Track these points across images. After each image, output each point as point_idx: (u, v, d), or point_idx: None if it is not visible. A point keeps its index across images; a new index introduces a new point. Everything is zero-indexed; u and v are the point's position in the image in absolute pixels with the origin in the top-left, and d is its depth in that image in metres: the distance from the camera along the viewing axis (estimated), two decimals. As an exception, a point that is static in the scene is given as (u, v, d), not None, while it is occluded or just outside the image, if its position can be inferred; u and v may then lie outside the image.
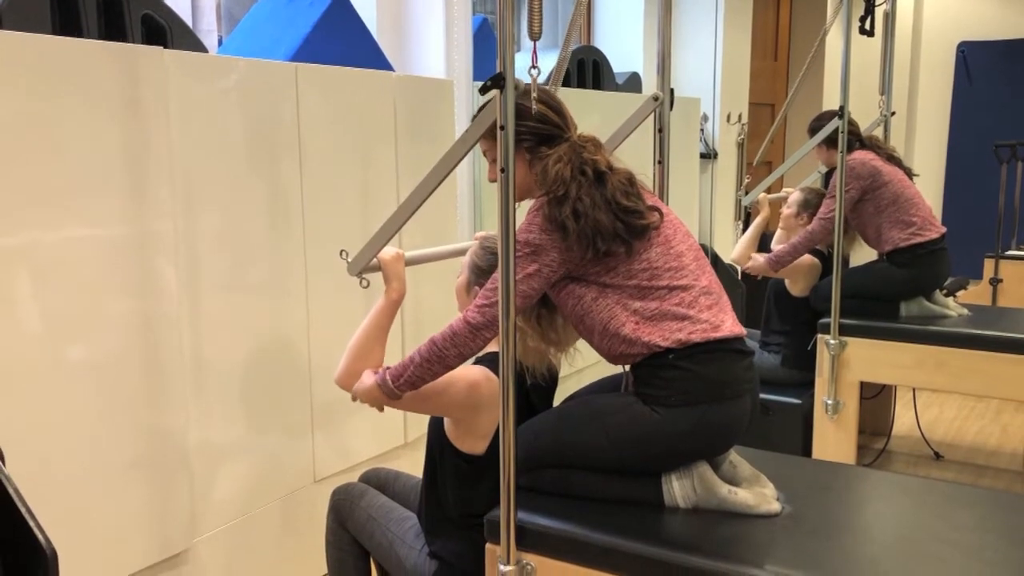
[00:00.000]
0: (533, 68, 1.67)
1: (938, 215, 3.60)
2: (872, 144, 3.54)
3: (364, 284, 1.91)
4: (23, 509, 1.20)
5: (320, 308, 2.69)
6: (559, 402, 1.96)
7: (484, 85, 1.58)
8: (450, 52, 3.23)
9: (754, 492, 1.76)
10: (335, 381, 1.84)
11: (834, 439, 3.43)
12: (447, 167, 1.79)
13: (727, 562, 1.57)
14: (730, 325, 1.77)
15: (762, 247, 3.68)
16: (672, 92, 2.31)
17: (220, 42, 3.16)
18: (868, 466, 3.58)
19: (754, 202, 3.80)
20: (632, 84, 4.68)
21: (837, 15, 3.75)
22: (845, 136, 3.31)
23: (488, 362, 1.87)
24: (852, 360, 3.39)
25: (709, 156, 5.32)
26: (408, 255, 1.93)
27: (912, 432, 4.12)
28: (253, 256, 2.47)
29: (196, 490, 2.34)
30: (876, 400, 4.03)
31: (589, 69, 4.22)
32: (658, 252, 1.75)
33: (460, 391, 1.80)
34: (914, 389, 4.15)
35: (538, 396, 1.99)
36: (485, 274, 1.88)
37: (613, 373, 1.94)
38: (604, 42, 4.97)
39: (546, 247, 1.71)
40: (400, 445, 3.06)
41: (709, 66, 5.27)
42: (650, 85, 4.76)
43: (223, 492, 2.43)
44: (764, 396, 3.37)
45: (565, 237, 1.70)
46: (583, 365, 2.10)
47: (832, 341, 3.38)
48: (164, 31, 2.32)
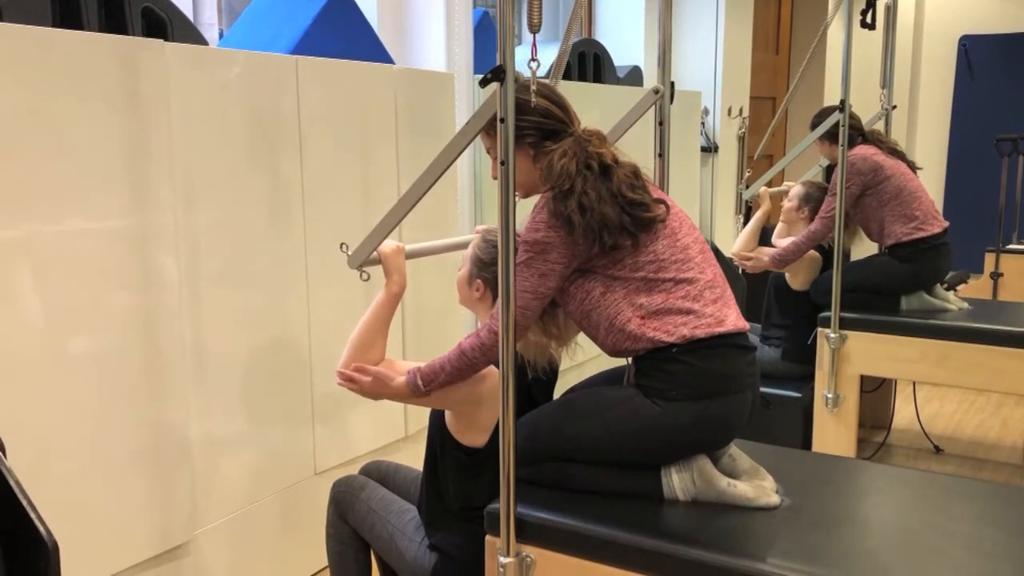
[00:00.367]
0: (533, 61, 1.66)
1: (939, 209, 3.58)
2: (874, 138, 3.53)
3: (365, 277, 1.91)
4: (24, 501, 1.20)
5: (320, 301, 2.69)
6: (559, 395, 1.96)
7: (484, 78, 1.58)
8: (451, 45, 3.23)
9: (753, 485, 1.77)
10: (337, 374, 1.84)
11: (834, 433, 3.44)
12: (447, 160, 1.79)
13: (726, 555, 1.57)
14: (734, 320, 1.77)
15: (763, 241, 3.68)
16: (673, 85, 2.31)
17: (221, 35, 3.16)
18: (868, 459, 3.58)
19: (755, 196, 3.79)
20: (633, 77, 4.68)
21: (838, 8, 3.74)
22: (846, 130, 3.30)
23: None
24: (852, 354, 3.39)
25: (710, 150, 5.31)
26: (409, 248, 1.93)
27: (912, 426, 4.12)
28: (253, 249, 2.48)
29: (197, 482, 2.35)
30: (876, 394, 4.03)
31: (590, 62, 4.21)
32: (664, 244, 1.75)
33: (464, 386, 1.81)
34: (914, 383, 4.15)
35: (539, 389, 1.99)
36: (487, 266, 1.88)
37: (614, 366, 1.94)
38: (605, 35, 4.96)
39: (555, 244, 1.71)
40: (401, 438, 3.06)
41: (710, 60, 5.26)
42: (651, 78, 4.76)
43: (224, 484, 2.44)
44: (764, 389, 3.37)
45: (572, 232, 1.69)
46: (584, 359, 2.11)
47: (832, 335, 3.38)
48: (164, 24, 2.32)
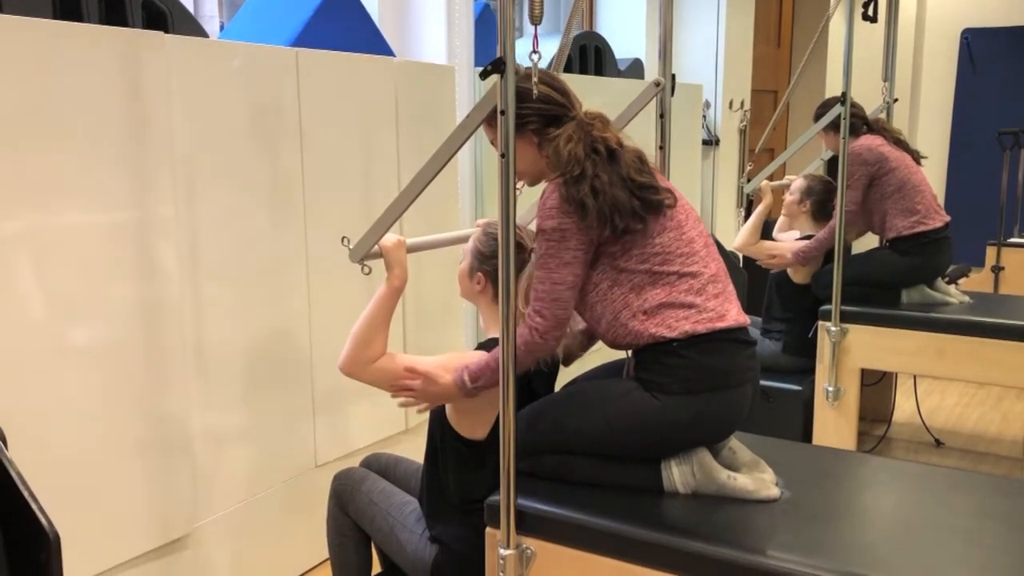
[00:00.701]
0: (534, 53, 1.66)
1: (941, 202, 3.58)
2: (879, 127, 3.52)
3: (366, 271, 1.90)
4: (26, 492, 1.21)
5: (321, 294, 2.69)
6: (560, 388, 1.96)
7: (484, 70, 1.58)
8: (451, 38, 3.22)
9: (753, 478, 1.77)
10: (339, 368, 1.84)
11: (834, 426, 3.44)
12: (448, 153, 1.79)
13: (726, 547, 1.58)
14: (735, 315, 1.77)
15: (764, 235, 3.67)
16: (674, 78, 2.31)
17: (221, 27, 3.16)
18: (868, 453, 3.59)
19: (756, 189, 3.78)
20: (634, 70, 4.67)
21: (840, 1, 3.73)
22: (847, 122, 3.30)
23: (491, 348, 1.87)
24: (853, 347, 3.39)
25: (711, 143, 5.30)
26: (410, 242, 1.93)
27: (913, 419, 4.12)
28: (254, 241, 2.47)
29: (198, 474, 2.35)
30: (877, 387, 4.03)
31: (591, 55, 4.20)
32: (671, 237, 1.76)
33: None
34: (915, 376, 4.15)
35: (539, 382, 1.99)
36: (488, 260, 1.88)
37: (615, 359, 1.94)
38: (606, 28, 4.95)
39: (571, 229, 1.71)
40: (401, 431, 3.07)
41: (711, 52, 5.24)
42: (652, 71, 4.75)
43: (225, 476, 2.45)
44: (765, 383, 3.37)
45: (585, 216, 1.69)
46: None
47: (833, 328, 3.38)
48: (165, 16, 2.32)
